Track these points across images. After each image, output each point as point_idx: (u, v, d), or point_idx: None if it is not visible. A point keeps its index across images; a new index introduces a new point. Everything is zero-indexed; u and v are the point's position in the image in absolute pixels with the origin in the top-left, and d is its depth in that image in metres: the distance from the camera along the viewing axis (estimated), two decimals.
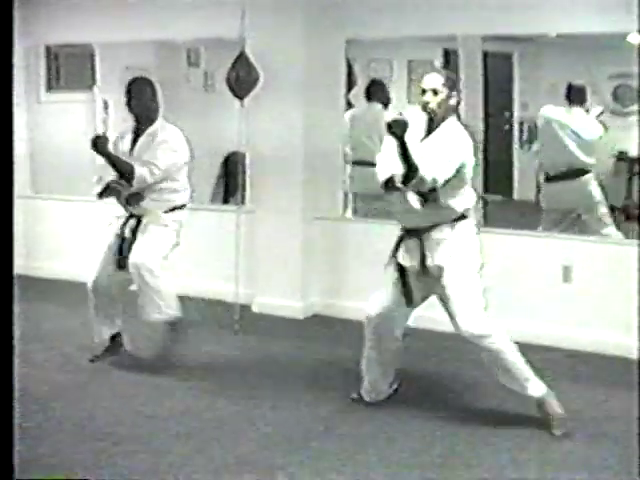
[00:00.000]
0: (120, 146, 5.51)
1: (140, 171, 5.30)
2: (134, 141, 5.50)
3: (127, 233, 5.47)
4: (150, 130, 5.45)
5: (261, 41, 6.36)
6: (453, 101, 4.51)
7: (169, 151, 5.41)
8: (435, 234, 4.55)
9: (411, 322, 4.90)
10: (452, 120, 4.54)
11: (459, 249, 4.57)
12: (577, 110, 7.32)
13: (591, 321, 5.99)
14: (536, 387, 4.59)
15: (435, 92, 4.45)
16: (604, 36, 6.62)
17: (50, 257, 7.89)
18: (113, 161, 5.31)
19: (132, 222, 5.48)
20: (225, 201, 8.86)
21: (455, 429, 4.66)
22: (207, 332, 6.31)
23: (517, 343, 4.59)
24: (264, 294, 6.98)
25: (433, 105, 4.47)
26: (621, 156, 8.14)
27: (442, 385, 5.38)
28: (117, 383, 5.37)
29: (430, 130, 4.54)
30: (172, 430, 4.65)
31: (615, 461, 4.24)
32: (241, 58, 5.99)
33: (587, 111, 7.36)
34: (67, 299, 6.86)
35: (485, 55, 8.98)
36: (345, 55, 7.05)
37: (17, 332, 2.46)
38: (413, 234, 4.62)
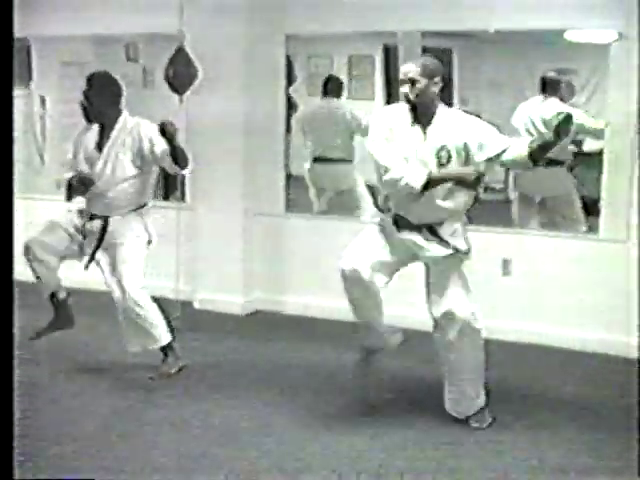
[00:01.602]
0: (84, 141, 5.38)
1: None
2: (101, 137, 5.33)
3: (88, 233, 5.33)
4: (120, 125, 5.29)
5: (200, 36, 6.32)
6: (435, 88, 4.43)
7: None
8: (449, 225, 4.53)
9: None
10: (446, 109, 4.51)
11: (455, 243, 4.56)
12: (553, 100, 7.33)
13: (530, 314, 6.05)
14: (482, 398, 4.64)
15: (413, 82, 4.38)
16: (543, 32, 6.69)
17: None
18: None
19: (96, 224, 5.33)
20: (165, 198, 8.79)
21: (396, 422, 4.68)
22: None
23: None
24: (205, 290, 6.95)
25: (412, 96, 4.40)
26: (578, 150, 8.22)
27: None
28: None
29: (419, 121, 4.45)
30: (113, 429, 4.61)
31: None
32: (180, 53, 5.93)
33: (562, 100, 7.38)
34: None
35: (425, 51, 9.01)
36: (285, 50, 7.02)
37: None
38: (413, 228, 4.53)
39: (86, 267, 5.41)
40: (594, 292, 5.82)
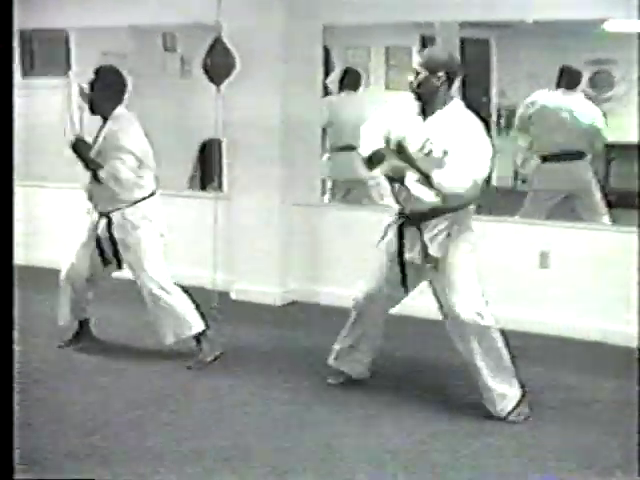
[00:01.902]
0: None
1: None
2: (100, 130, 5.37)
3: (101, 232, 5.38)
4: (110, 120, 5.31)
5: (238, 26, 6.32)
6: (437, 82, 4.45)
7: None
8: (437, 223, 4.53)
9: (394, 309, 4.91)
10: (455, 105, 4.53)
11: (460, 238, 4.56)
12: (576, 94, 7.29)
13: (567, 307, 6.01)
14: (516, 392, 4.61)
15: (417, 73, 4.47)
16: (581, 23, 6.63)
17: (32, 246, 7.81)
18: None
19: (102, 223, 5.38)
20: (203, 188, 8.83)
21: (436, 415, 4.67)
22: None
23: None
24: (242, 281, 6.97)
25: (413, 85, 4.49)
26: None
27: (423, 371, 5.39)
28: (94, 371, 5.37)
29: (424, 113, 4.52)
30: (153, 417, 4.64)
31: (603, 447, 4.29)
32: (217, 43, 5.94)
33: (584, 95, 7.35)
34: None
35: (462, 41, 8.97)
36: (322, 41, 7.01)
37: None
38: (413, 221, 4.58)
39: (119, 267, 5.54)
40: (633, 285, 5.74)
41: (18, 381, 2.71)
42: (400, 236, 4.64)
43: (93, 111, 5.37)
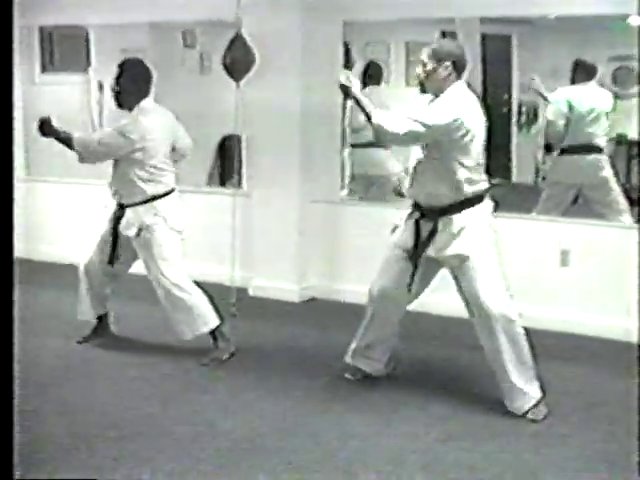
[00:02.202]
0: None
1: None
2: None
3: (125, 230, 5.35)
4: (135, 112, 5.27)
5: (257, 22, 6.29)
6: (444, 72, 4.45)
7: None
8: (456, 219, 4.51)
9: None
10: (455, 87, 4.50)
11: (480, 235, 4.54)
12: (591, 84, 7.21)
13: (588, 305, 5.96)
14: (536, 390, 4.58)
15: (424, 64, 4.48)
16: (603, 18, 6.57)
17: (47, 240, 7.84)
18: None
19: (129, 218, 5.34)
20: (222, 184, 8.83)
21: (452, 413, 4.64)
22: None
23: None
24: (261, 277, 6.95)
25: (421, 77, 4.52)
26: (620, 139, 8.10)
27: (438, 368, 5.36)
28: (113, 365, 5.37)
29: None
30: (170, 412, 4.64)
31: (610, 445, 4.24)
32: (237, 40, 5.92)
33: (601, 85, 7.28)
34: (62, 282, 6.82)
35: (483, 37, 8.93)
36: (342, 37, 6.98)
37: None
38: (429, 217, 4.57)
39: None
40: None
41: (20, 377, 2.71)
42: (416, 231, 4.62)
43: (120, 105, 5.35)
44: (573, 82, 7.19)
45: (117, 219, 5.37)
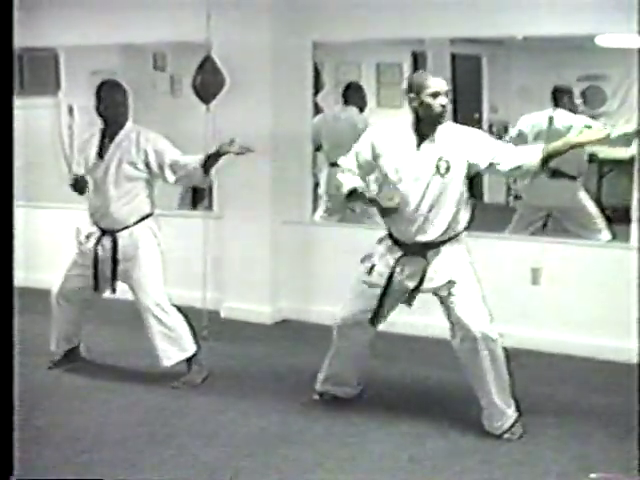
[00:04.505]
0: (87, 150, 5.37)
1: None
2: (102, 145, 5.32)
3: (101, 252, 5.30)
4: (123, 133, 5.25)
5: (227, 44, 6.30)
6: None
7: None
8: (444, 248, 4.53)
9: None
10: (450, 124, 4.54)
11: (463, 259, 4.58)
12: (561, 111, 7.27)
13: (558, 323, 5.98)
14: (513, 410, 4.59)
15: (446, 94, 4.43)
16: (572, 38, 6.63)
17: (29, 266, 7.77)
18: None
19: (106, 242, 5.30)
20: (193, 206, 8.79)
21: (424, 432, 4.63)
22: None
23: None
24: (233, 299, 6.92)
25: (441, 110, 4.42)
26: (591, 158, 8.15)
27: (409, 388, 5.35)
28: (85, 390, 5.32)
29: (423, 136, 4.48)
30: (143, 435, 4.60)
31: (583, 462, 4.23)
32: (207, 62, 5.93)
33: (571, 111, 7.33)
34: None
35: (453, 57, 8.99)
36: (312, 58, 6.99)
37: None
38: (417, 251, 4.55)
39: (113, 291, 5.41)
40: (627, 300, 5.70)
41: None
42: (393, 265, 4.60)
43: (106, 129, 5.30)
44: (556, 106, 7.28)
45: (98, 244, 5.33)
